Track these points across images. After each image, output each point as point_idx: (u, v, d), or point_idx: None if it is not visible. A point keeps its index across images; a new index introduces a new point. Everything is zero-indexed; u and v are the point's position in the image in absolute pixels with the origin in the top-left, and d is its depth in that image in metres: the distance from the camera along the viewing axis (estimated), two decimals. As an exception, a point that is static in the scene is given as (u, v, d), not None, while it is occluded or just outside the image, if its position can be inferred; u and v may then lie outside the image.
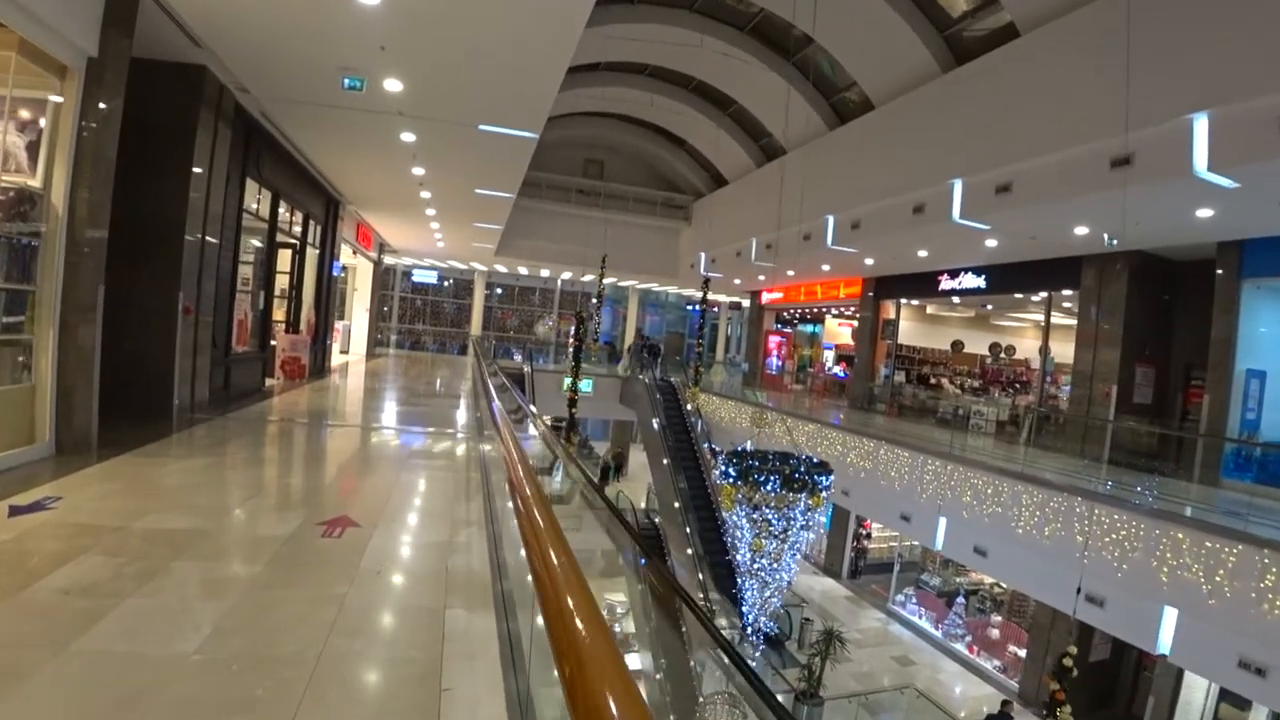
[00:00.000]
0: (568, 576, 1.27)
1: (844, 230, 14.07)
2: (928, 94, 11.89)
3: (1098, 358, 11.97)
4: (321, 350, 14.07)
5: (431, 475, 5.98)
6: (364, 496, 4.95)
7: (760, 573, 8.43)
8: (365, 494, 5.03)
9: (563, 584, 1.24)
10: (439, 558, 3.82)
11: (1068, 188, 8.93)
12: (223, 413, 7.91)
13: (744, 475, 8.07)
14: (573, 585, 1.22)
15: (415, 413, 10.58)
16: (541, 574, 1.37)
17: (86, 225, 5.09)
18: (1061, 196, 9.16)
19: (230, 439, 6.60)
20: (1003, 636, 13.33)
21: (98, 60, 5.16)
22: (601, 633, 1.01)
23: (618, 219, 22.84)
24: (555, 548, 1.46)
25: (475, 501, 5.02)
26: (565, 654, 0.98)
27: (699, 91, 18.87)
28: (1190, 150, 7.38)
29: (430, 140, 8.96)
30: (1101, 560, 7.88)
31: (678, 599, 1.97)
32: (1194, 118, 7.29)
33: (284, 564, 3.46)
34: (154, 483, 4.74)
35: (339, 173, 11.92)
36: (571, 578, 1.26)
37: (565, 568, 1.33)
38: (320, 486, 5.15)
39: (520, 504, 1.67)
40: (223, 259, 8.37)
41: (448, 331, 30.87)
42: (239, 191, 8.91)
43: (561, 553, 1.42)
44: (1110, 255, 11.52)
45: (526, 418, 5.93)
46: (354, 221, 17.03)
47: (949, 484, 10.29)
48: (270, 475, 5.41)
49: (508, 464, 2.79)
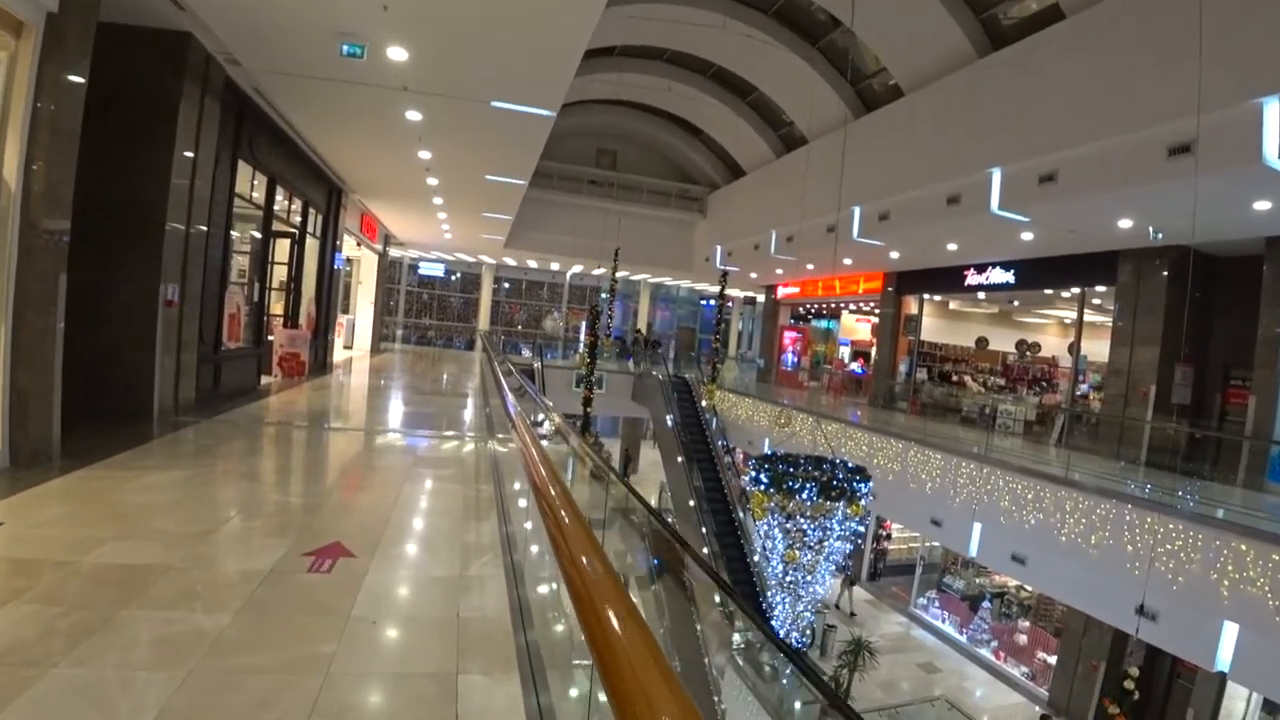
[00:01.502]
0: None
1: (871, 222, 13.37)
2: (963, 80, 11.22)
3: (1135, 356, 11.41)
4: (323, 346, 13.46)
5: (438, 488, 5.35)
6: (360, 516, 4.31)
7: (793, 585, 7.78)
8: (362, 513, 4.39)
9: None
10: (448, 599, 3.18)
11: (1119, 176, 8.32)
12: (211, 415, 7.30)
13: (777, 482, 7.40)
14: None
15: (420, 414, 9.95)
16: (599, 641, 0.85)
17: (44, 206, 4.45)
18: (1111, 186, 8.54)
19: (214, 446, 5.98)
20: (1031, 642, 12.84)
21: (58, 17, 4.52)
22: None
23: (631, 211, 22.13)
24: (618, 609, 0.93)
25: (488, 522, 4.39)
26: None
27: (718, 78, 18.12)
28: (1259, 137, 6.75)
29: (438, 119, 8.28)
30: (1154, 572, 7.31)
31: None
32: (1264, 102, 6.66)
33: (258, 612, 2.83)
34: (117, 502, 4.12)
35: (340, 157, 11.26)
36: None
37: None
38: (311, 504, 4.51)
39: (576, 577, 1.09)
40: (211, 247, 7.75)
41: (455, 326, 30.36)
42: (229, 174, 8.26)
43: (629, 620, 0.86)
44: (1149, 250, 10.99)
45: (550, 428, 5.29)
46: (358, 211, 16.41)
47: (985, 488, 9.71)
48: (254, 491, 4.77)
49: (543, 502, 2.15)
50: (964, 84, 11.17)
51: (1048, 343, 17.89)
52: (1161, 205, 8.65)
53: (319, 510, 4.33)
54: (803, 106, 15.91)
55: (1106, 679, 9.97)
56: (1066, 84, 8.89)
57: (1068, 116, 8.75)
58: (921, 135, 11.99)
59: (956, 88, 11.32)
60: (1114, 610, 8.06)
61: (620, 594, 1.01)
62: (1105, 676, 10.01)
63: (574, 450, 3.55)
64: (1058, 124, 8.90)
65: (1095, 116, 8.34)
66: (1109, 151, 8.28)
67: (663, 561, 2.39)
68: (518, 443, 2.88)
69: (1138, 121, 7.80)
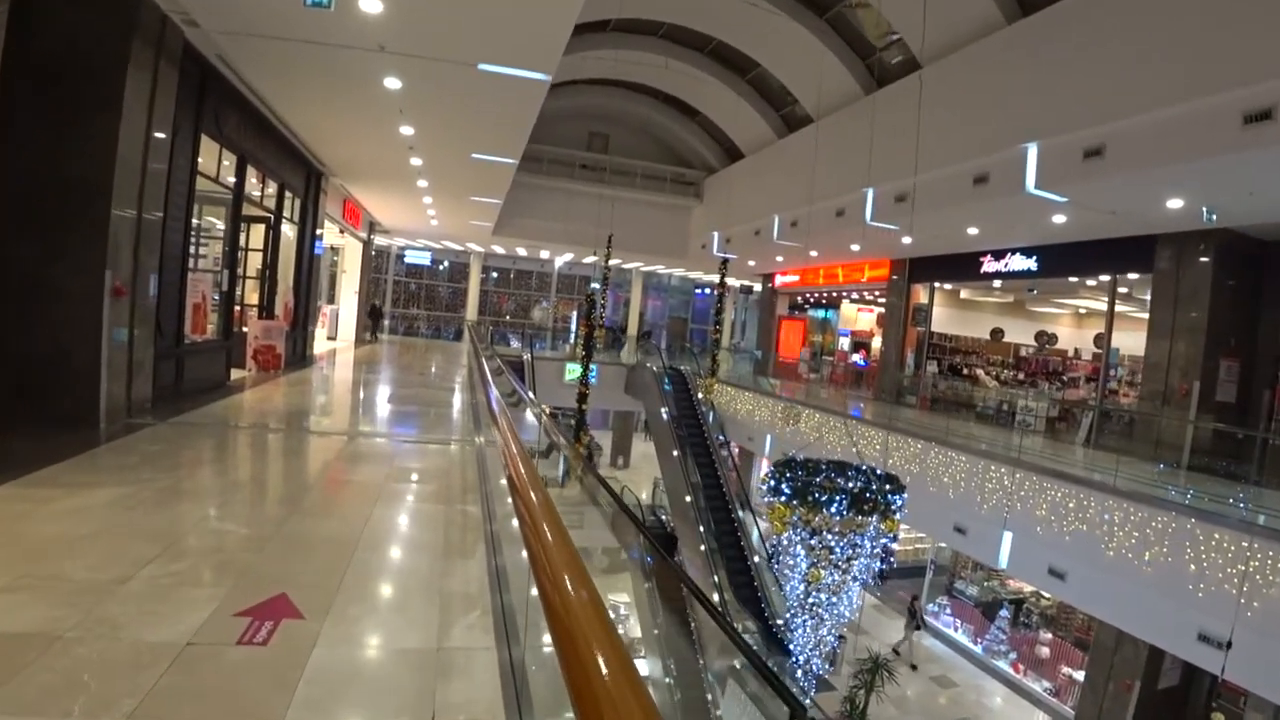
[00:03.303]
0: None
1: (885, 205, 12.61)
2: (990, 48, 10.42)
3: (1174, 349, 10.58)
4: (302, 337, 12.62)
5: (416, 510, 4.58)
6: (317, 553, 3.54)
7: (815, 607, 7.07)
8: (320, 548, 3.62)
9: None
10: (421, 688, 2.40)
11: (1180, 149, 7.49)
12: (169, 416, 6.49)
13: (801, 493, 6.67)
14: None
15: (400, 413, 9.13)
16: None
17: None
18: (1169, 160, 7.71)
19: (161, 455, 5.18)
20: (1053, 655, 12.18)
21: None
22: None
23: (624, 196, 21.26)
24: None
25: (474, 559, 3.64)
26: None
27: (717, 55, 17.25)
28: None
29: (419, 87, 7.42)
30: (1223, 594, 6.58)
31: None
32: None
33: (160, 716, 2.07)
34: (22, 534, 3.34)
35: (317, 135, 10.36)
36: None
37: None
38: (259, 535, 3.73)
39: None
40: (171, 231, 6.90)
41: (442, 316, 29.55)
42: (191, 151, 7.40)
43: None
44: (1191, 233, 10.16)
45: (553, 448, 4.61)
46: (340, 197, 15.50)
47: (1019, 494, 9.00)
48: (193, 517, 3.98)
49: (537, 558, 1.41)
50: (990, 53, 10.38)
51: (1062, 334, 17.28)
52: (1226, 181, 7.86)
53: (267, 545, 3.55)
54: (809, 83, 15.08)
55: (1141, 699, 9.32)
56: (1119, 47, 8.06)
57: (1119, 83, 7.94)
58: (944, 110, 11.18)
59: (984, 56, 10.52)
60: (1171, 635, 7.33)
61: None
62: (1139, 697, 9.36)
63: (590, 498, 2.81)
64: (1107, 92, 8.08)
65: (1154, 82, 7.54)
66: (1169, 121, 7.47)
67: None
68: (514, 499, 2.15)
69: (1208, 86, 6.96)
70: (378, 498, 4.59)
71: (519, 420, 5.90)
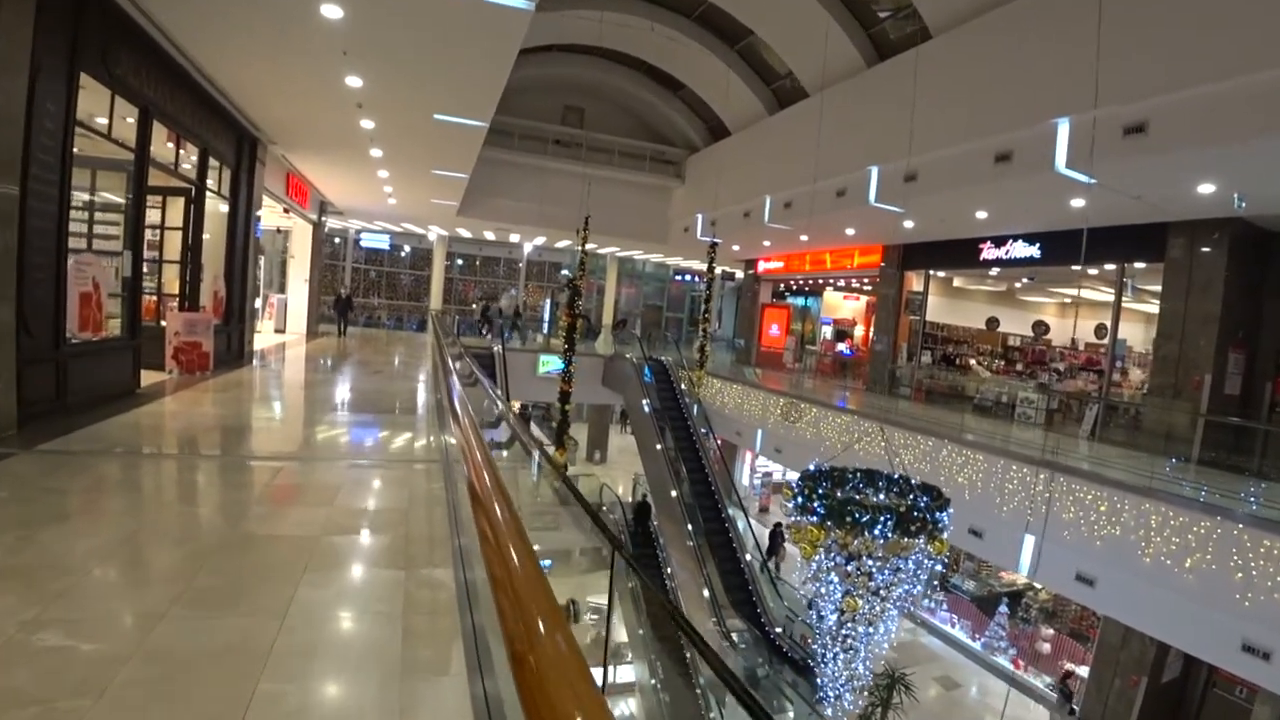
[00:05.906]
0: None
1: (892, 184, 11.59)
2: (1010, 15, 9.56)
3: (1185, 340, 10.07)
4: (238, 332, 10.98)
5: (361, 587, 3.25)
6: (194, 691, 2.21)
7: (848, 638, 6.00)
8: (198, 681, 2.28)
9: None
10: None
11: (1233, 127, 6.79)
12: (40, 440, 4.99)
13: (837, 513, 5.52)
14: None
15: (352, 423, 7.67)
16: None
17: None
18: (1218, 140, 7.01)
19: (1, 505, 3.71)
20: (1055, 650, 11.86)
21: None
22: None
23: (601, 174, 19.83)
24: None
25: (449, 677, 2.35)
26: None
27: (706, 21, 15.93)
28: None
29: (367, 16, 5.96)
30: (1273, 603, 6.07)
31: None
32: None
33: None
34: None
35: (241, 83, 8.60)
36: None
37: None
38: (109, 654, 2.37)
39: None
40: (36, 200, 5.33)
41: (405, 305, 27.79)
42: (65, 93, 5.74)
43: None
44: (1205, 222, 9.68)
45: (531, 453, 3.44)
46: (282, 170, 13.75)
47: (1043, 496, 8.20)
48: (12, 622, 2.55)
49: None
50: (1010, 21, 9.50)
51: (1059, 324, 16.69)
52: (1274, 164, 7.21)
53: (119, 674, 2.19)
54: (807, 54, 13.97)
55: (1148, 695, 8.91)
56: (1169, 14, 7.30)
57: (1173, 52, 7.16)
58: (962, 82, 10.27)
59: (1002, 26, 9.65)
60: (1213, 646, 6.87)
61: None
62: (1146, 693, 8.92)
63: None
64: (1159, 61, 7.29)
65: (1212, 53, 6.79)
66: (1223, 96, 6.78)
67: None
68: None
69: (1272, 60, 6.25)
70: (307, 564, 3.24)
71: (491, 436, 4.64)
